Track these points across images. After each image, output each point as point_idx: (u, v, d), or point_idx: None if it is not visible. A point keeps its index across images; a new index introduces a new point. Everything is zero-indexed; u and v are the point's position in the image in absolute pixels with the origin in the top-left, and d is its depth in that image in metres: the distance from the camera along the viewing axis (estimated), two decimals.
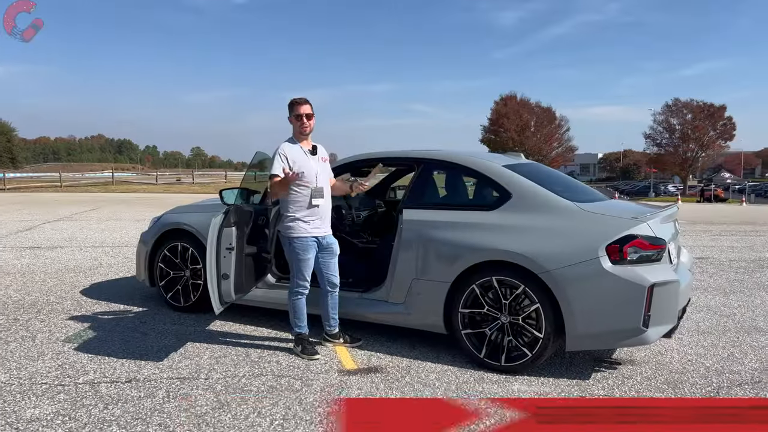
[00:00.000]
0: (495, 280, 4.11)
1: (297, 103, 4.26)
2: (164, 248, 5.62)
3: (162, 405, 3.45)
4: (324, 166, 4.37)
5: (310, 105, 4.30)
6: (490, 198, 4.45)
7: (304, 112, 4.24)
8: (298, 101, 4.26)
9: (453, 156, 4.71)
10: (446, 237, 4.32)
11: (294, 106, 4.26)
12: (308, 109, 4.26)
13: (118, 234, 11.26)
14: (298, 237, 4.22)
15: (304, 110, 4.24)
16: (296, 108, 4.24)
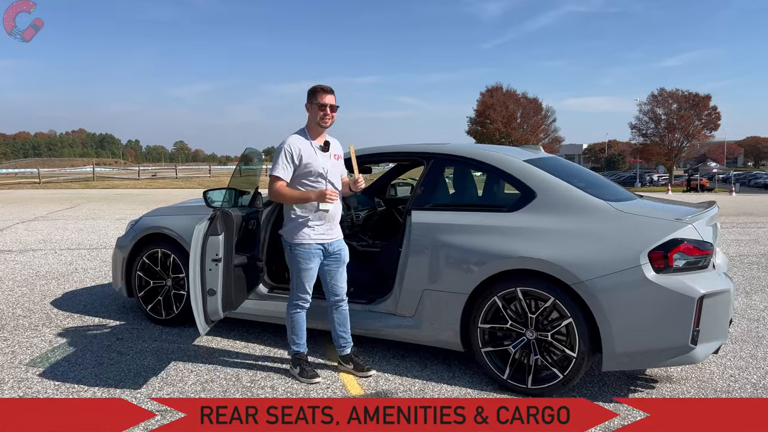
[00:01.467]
0: (520, 291, 3.62)
1: (322, 90, 3.71)
2: (143, 255, 5.07)
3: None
4: (337, 164, 3.82)
5: (333, 93, 3.76)
6: (512, 197, 3.94)
7: (329, 102, 3.69)
8: (324, 89, 3.71)
9: (467, 150, 4.20)
10: (462, 242, 3.82)
11: (317, 94, 3.71)
12: (334, 99, 3.73)
13: (96, 235, 10.63)
14: (300, 244, 3.71)
15: (330, 100, 3.70)
16: (320, 96, 3.69)
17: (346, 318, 3.93)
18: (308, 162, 3.66)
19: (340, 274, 3.84)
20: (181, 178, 43.21)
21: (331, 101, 3.70)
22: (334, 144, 3.85)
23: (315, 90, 3.72)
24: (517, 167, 3.94)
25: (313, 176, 3.68)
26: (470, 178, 4.51)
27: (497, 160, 4.02)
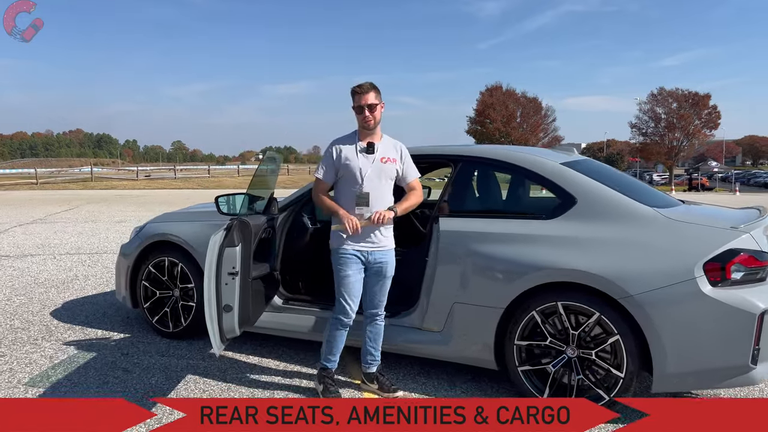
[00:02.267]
0: (561, 305, 3.35)
1: (356, 92, 3.43)
2: (149, 264, 4.78)
3: None
4: (383, 168, 3.48)
5: (375, 91, 3.46)
6: (550, 203, 3.67)
7: (366, 102, 3.40)
8: (359, 90, 3.42)
9: (499, 152, 3.92)
10: (497, 252, 3.54)
11: (354, 96, 3.45)
12: (371, 98, 3.42)
13: (96, 239, 10.33)
14: (336, 249, 3.46)
15: (366, 100, 3.40)
16: (356, 98, 3.43)
17: (379, 334, 3.66)
18: (346, 163, 3.42)
19: (380, 287, 3.56)
20: (180, 178, 42.88)
21: (369, 100, 3.41)
22: (385, 145, 3.53)
23: (351, 92, 3.48)
24: (556, 171, 3.66)
25: (350, 178, 3.43)
26: (503, 182, 4.24)
27: (533, 163, 3.74)
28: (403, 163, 3.57)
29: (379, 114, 3.45)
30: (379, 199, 3.44)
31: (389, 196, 3.52)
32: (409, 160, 3.61)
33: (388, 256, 3.53)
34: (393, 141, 3.60)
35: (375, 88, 3.45)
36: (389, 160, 3.50)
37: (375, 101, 3.41)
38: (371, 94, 3.41)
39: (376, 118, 3.43)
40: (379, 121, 3.46)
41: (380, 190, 3.46)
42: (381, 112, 3.48)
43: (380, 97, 3.47)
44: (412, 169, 3.63)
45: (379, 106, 3.44)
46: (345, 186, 3.45)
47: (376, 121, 3.43)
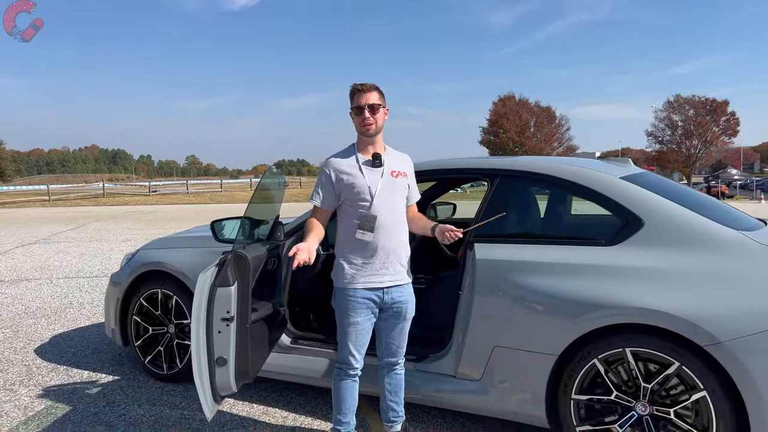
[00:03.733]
0: (629, 352, 2.73)
1: (357, 90, 2.82)
2: (140, 296, 4.22)
3: None
4: (396, 183, 2.89)
5: (378, 91, 2.85)
6: (608, 226, 3.04)
7: (366, 102, 2.79)
8: (360, 88, 2.82)
9: (544, 165, 3.31)
10: (548, 286, 2.93)
11: (353, 96, 2.85)
12: (373, 97, 2.81)
13: (97, 260, 9.81)
14: (342, 288, 2.85)
15: (367, 100, 2.79)
16: (355, 97, 2.82)
17: (400, 386, 3.04)
18: (350, 181, 2.81)
19: (399, 332, 2.94)
20: (193, 193, 42.57)
21: (368, 100, 2.79)
22: (393, 157, 2.94)
23: (351, 92, 2.87)
24: (616, 187, 3.04)
25: (357, 198, 2.81)
26: (550, 201, 3.63)
27: (588, 178, 3.13)
28: (411, 179, 3.00)
29: (381, 119, 2.84)
30: (394, 221, 2.85)
31: (405, 218, 2.94)
32: (414, 177, 3.05)
33: (407, 293, 2.93)
34: (399, 153, 3.02)
35: (378, 89, 2.85)
36: (400, 173, 2.91)
37: (378, 102, 2.81)
38: (373, 93, 2.81)
39: (377, 122, 2.82)
40: (381, 128, 2.85)
41: (396, 210, 2.86)
42: (384, 118, 2.87)
43: (384, 100, 2.87)
44: (416, 189, 3.09)
45: (382, 109, 2.84)
46: (352, 210, 2.83)
47: (378, 126, 2.82)
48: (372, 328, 2.91)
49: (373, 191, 2.79)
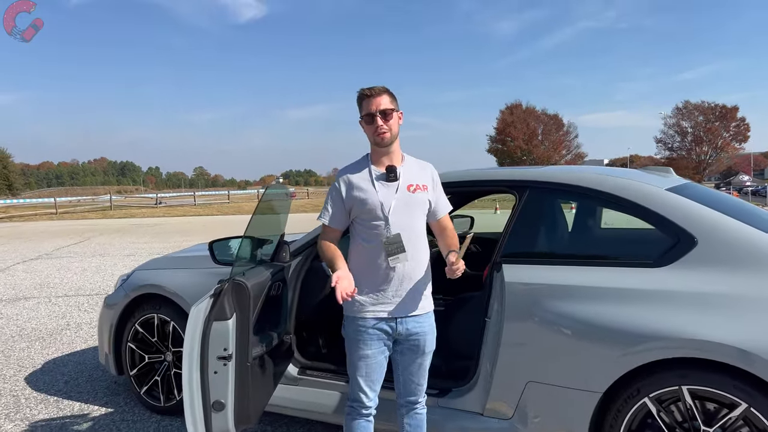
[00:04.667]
0: (686, 391, 2.37)
1: (365, 95, 2.48)
2: (135, 321, 3.90)
3: None
4: (413, 199, 2.52)
5: (388, 94, 2.50)
6: (653, 244, 2.69)
7: (378, 107, 2.44)
8: (368, 93, 2.47)
9: (581, 176, 2.95)
10: (587, 314, 2.58)
11: (361, 102, 2.51)
12: (384, 101, 2.46)
13: (99, 276, 9.51)
14: (352, 317, 2.51)
15: (378, 105, 2.44)
16: (364, 104, 2.48)
17: (421, 426, 2.68)
18: (361, 197, 2.47)
19: (417, 367, 2.58)
20: (200, 204, 42.39)
21: (380, 105, 2.45)
22: (411, 168, 2.58)
23: (359, 98, 2.53)
24: (664, 200, 2.69)
25: (369, 216, 2.47)
26: (587, 216, 3.29)
27: (632, 191, 2.77)
28: (435, 191, 2.63)
29: (396, 125, 2.51)
30: (411, 243, 2.48)
31: (424, 238, 2.57)
32: (440, 188, 2.67)
33: (426, 325, 2.56)
34: (420, 162, 2.65)
35: (389, 92, 2.51)
36: (419, 187, 2.54)
37: (390, 106, 2.48)
38: (384, 97, 2.47)
39: (392, 129, 2.48)
40: (396, 135, 2.52)
41: (412, 230, 2.49)
42: (399, 124, 2.53)
43: (396, 103, 2.53)
44: (444, 200, 2.67)
45: (395, 113, 2.50)
46: (364, 229, 2.49)
47: (393, 133, 2.49)
48: (386, 362, 2.57)
49: (386, 209, 2.45)
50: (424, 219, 2.60)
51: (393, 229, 2.45)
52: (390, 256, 2.43)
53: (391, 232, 2.44)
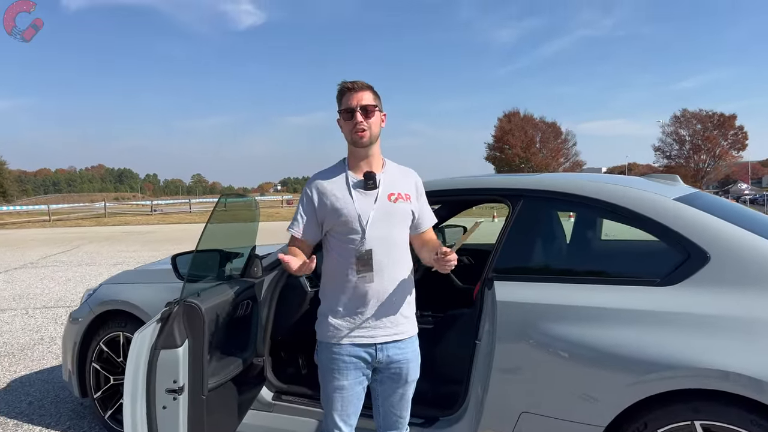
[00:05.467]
0: (699, 427, 2.10)
1: (346, 89, 2.22)
2: (100, 339, 3.62)
3: None
4: (395, 209, 2.24)
5: (372, 91, 2.23)
6: (663, 260, 2.42)
7: (359, 102, 2.18)
8: (349, 86, 2.21)
9: (580, 185, 2.68)
10: (589, 338, 2.31)
11: (341, 97, 2.23)
12: (366, 97, 2.20)
13: (82, 287, 9.20)
14: (326, 344, 2.24)
15: (359, 100, 2.18)
16: (344, 98, 2.22)
17: None
18: (335, 206, 2.20)
19: (399, 397, 2.30)
20: (196, 212, 42.05)
21: (361, 100, 2.18)
22: (392, 175, 2.31)
23: (339, 92, 2.25)
24: (671, 211, 2.43)
25: (344, 229, 2.20)
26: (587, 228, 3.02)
27: (636, 200, 2.51)
28: (419, 201, 2.36)
29: (377, 125, 2.23)
30: (392, 258, 2.21)
31: (407, 254, 2.30)
32: (425, 198, 2.41)
33: (409, 351, 2.28)
34: (402, 169, 2.38)
35: (372, 89, 2.25)
36: (400, 196, 2.26)
37: (372, 102, 2.21)
38: (367, 93, 2.21)
39: (372, 129, 2.21)
40: (377, 137, 2.24)
41: (393, 244, 2.21)
42: (381, 125, 2.26)
43: (380, 103, 2.26)
44: (428, 212, 2.41)
45: (378, 113, 2.23)
46: (338, 243, 2.22)
47: (373, 133, 2.22)
48: (364, 392, 2.30)
49: (364, 221, 2.18)
50: (406, 232, 2.33)
51: (368, 244, 2.18)
52: (359, 272, 2.17)
53: (365, 248, 2.17)
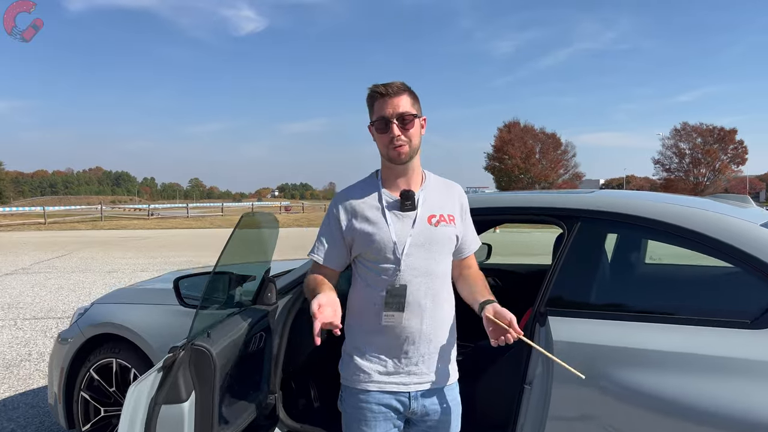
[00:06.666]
0: None
1: (378, 94, 1.83)
2: (90, 366, 3.24)
3: None
4: (433, 235, 1.87)
5: (410, 95, 1.84)
6: (752, 297, 2.06)
7: (395, 111, 1.80)
8: (382, 91, 1.82)
9: (650, 207, 2.30)
10: (669, 389, 1.94)
11: (373, 103, 1.85)
12: (404, 104, 1.82)
13: (75, 295, 8.81)
14: (351, 389, 1.88)
15: (395, 108, 1.80)
16: (377, 105, 1.84)
17: None
18: (366, 230, 1.83)
19: None
20: (193, 217, 41.64)
21: (398, 107, 1.80)
22: (434, 192, 1.95)
23: (369, 97, 1.88)
24: (764, 241, 2.07)
25: (376, 257, 1.84)
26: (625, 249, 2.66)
27: (723, 228, 2.14)
28: (464, 223, 2.00)
29: (417, 136, 1.87)
30: (432, 293, 1.86)
31: (449, 287, 1.95)
32: (470, 218, 2.05)
33: (449, 400, 1.93)
34: (446, 183, 2.02)
35: (410, 91, 1.87)
36: (443, 218, 1.90)
37: (411, 110, 1.83)
38: (404, 98, 1.83)
39: (412, 141, 1.84)
40: (417, 148, 1.88)
41: (434, 276, 1.86)
42: (421, 134, 1.90)
43: (419, 107, 1.89)
44: (473, 234, 2.06)
45: (417, 121, 1.86)
46: (368, 272, 1.86)
47: (413, 146, 1.85)
48: None
49: (400, 249, 1.82)
50: (448, 261, 1.96)
51: (403, 277, 1.82)
52: (387, 309, 1.81)
53: (400, 281, 1.81)
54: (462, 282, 2.01)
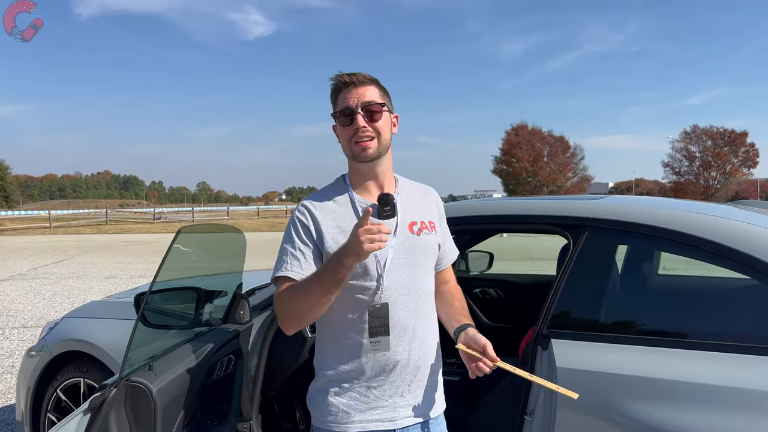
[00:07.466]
0: None
1: (342, 84, 1.60)
2: (57, 386, 3.01)
3: None
4: (416, 244, 1.63)
5: (375, 85, 1.61)
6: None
7: (359, 100, 1.57)
8: (346, 80, 1.59)
9: (665, 215, 2.04)
10: (693, 426, 1.68)
11: (336, 95, 1.62)
12: (370, 93, 1.59)
13: (69, 302, 8.59)
14: (325, 431, 1.61)
15: (359, 97, 1.57)
16: (340, 96, 1.61)
17: None
18: (340, 241, 1.53)
19: None
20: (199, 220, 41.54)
21: (363, 97, 1.58)
22: (410, 196, 1.71)
23: (332, 89, 1.63)
24: None
25: (354, 271, 1.53)
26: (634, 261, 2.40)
27: (745, 239, 1.87)
28: (442, 230, 1.77)
29: (387, 130, 1.63)
30: (416, 312, 1.62)
31: (433, 306, 1.71)
32: (446, 224, 1.82)
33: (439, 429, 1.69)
34: (420, 186, 1.79)
35: (378, 83, 1.65)
36: (424, 225, 1.67)
37: (378, 100, 1.60)
38: (370, 88, 1.60)
39: (381, 135, 1.60)
40: (387, 147, 1.64)
41: (416, 293, 1.62)
42: (392, 131, 1.67)
43: (390, 102, 1.66)
44: (450, 243, 1.83)
45: (387, 114, 1.63)
46: (343, 293, 1.53)
47: (382, 141, 1.61)
48: None
49: (381, 263, 1.57)
50: (432, 274, 1.71)
51: (385, 295, 1.57)
52: (372, 334, 1.55)
53: (381, 300, 1.56)
54: (438, 300, 1.76)
